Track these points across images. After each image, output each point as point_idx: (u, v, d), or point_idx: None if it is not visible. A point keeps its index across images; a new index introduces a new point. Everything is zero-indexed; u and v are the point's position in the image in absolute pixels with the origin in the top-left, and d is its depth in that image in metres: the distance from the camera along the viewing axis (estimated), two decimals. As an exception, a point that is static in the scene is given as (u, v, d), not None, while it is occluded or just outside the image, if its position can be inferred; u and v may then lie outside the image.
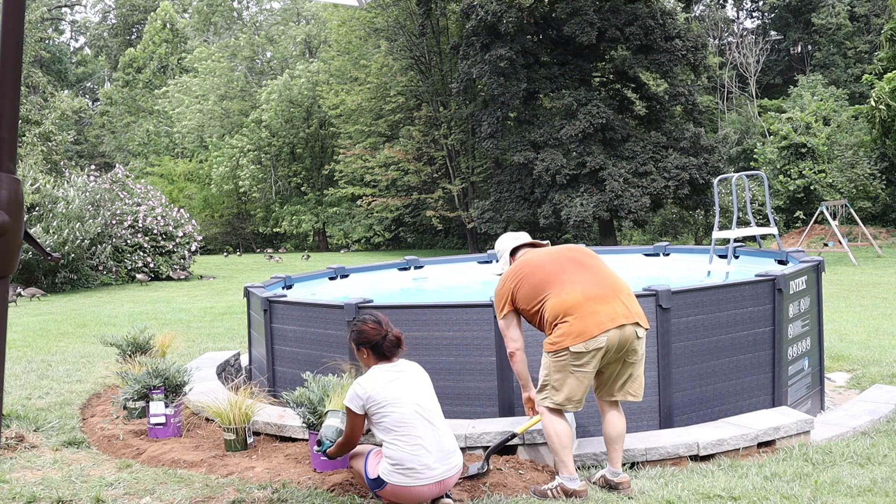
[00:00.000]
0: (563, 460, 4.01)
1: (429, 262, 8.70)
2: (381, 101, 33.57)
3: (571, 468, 4.01)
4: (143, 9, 56.95)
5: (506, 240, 4.59)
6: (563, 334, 3.94)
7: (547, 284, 4.10)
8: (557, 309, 4.00)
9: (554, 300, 4.03)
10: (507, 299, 4.22)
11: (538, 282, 4.13)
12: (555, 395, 4.01)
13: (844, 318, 10.32)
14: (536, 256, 4.29)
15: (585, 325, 3.92)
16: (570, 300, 4.00)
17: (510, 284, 4.23)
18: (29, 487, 4.30)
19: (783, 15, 41.82)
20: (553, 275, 4.12)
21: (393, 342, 3.96)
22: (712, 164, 25.76)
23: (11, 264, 2.02)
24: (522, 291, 4.17)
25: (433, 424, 3.81)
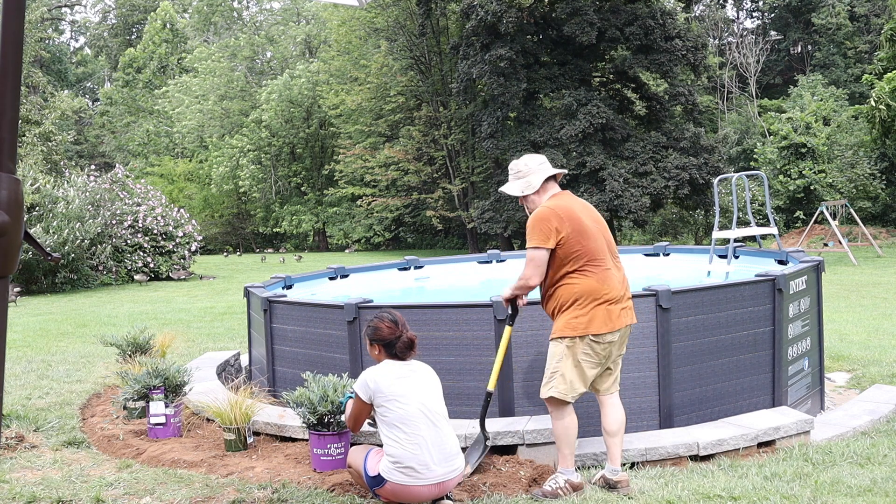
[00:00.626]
0: (568, 453, 4.03)
1: (429, 262, 8.70)
2: (381, 101, 33.57)
3: (573, 461, 4.05)
4: (143, 9, 56.95)
5: (532, 162, 4.24)
6: (591, 317, 3.92)
7: (592, 255, 4.00)
8: (592, 291, 3.95)
9: (591, 281, 3.96)
10: (554, 237, 3.98)
11: (592, 248, 4.00)
12: (563, 385, 3.99)
13: (844, 318, 10.32)
14: (580, 212, 4.09)
15: (611, 316, 3.96)
16: (609, 287, 3.98)
17: (557, 224, 3.99)
18: (29, 487, 4.30)
19: (783, 15, 41.82)
20: (599, 252, 4.03)
21: (406, 344, 3.99)
22: (712, 164, 25.76)
23: (11, 264, 2.02)
24: (569, 243, 3.99)
25: (437, 426, 3.82)
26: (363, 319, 5.17)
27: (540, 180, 4.16)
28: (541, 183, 4.16)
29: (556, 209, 4.04)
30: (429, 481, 3.75)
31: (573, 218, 4.02)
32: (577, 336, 3.94)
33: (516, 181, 4.24)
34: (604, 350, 4.00)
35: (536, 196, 4.19)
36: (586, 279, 3.97)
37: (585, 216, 4.09)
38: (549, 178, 4.21)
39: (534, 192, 4.17)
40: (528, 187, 4.18)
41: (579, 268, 3.97)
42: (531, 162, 4.23)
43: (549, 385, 4.04)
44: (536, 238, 4.00)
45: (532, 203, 4.21)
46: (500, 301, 4.65)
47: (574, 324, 3.94)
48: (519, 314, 4.43)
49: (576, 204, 4.14)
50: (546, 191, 4.19)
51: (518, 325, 4.81)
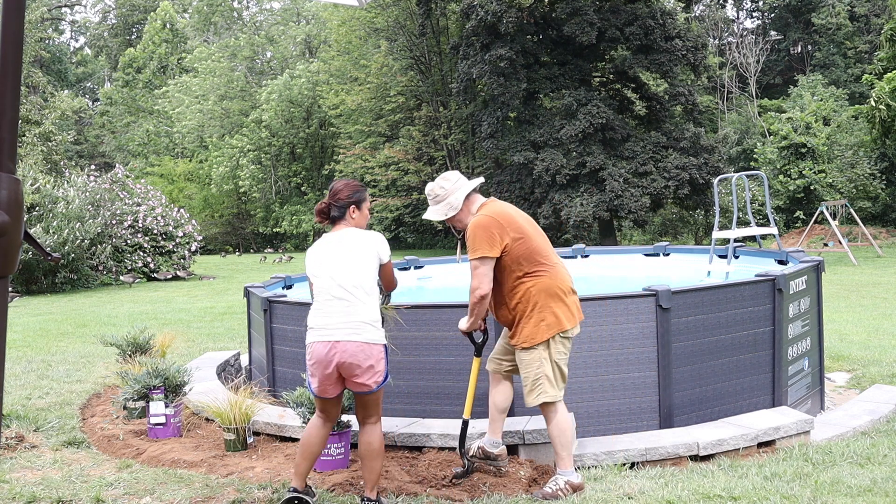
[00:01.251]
0: (566, 454, 4.03)
1: (429, 262, 8.70)
2: (381, 101, 33.57)
3: (572, 462, 4.05)
4: (143, 9, 56.94)
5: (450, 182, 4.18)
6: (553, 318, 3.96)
7: (541, 256, 4.02)
8: (552, 290, 3.99)
9: (548, 280, 3.99)
10: (499, 244, 3.94)
11: (537, 248, 4.02)
12: (550, 387, 4.00)
13: (844, 318, 10.32)
14: (515, 215, 4.09)
15: (574, 312, 4.06)
16: (565, 285, 4.04)
17: (498, 231, 3.95)
18: (29, 487, 4.30)
19: (783, 15, 41.81)
20: (545, 249, 4.06)
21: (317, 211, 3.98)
22: (712, 164, 25.75)
23: (11, 264, 2.02)
24: (515, 248, 3.97)
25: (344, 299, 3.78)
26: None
27: (460, 199, 4.12)
28: (462, 200, 4.12)
29: (496, 216, 4.00)
30: (322, 337, 3.75)
31: (512, 222, 4.02)
32: (549, 338, 3.97)
33: (436, 206, 4.18)
34: (571, 343, 4.08)
35: (462, 214, 4.15)
36: (540, 279, 3.97)
37: (521, 218, 4.13)
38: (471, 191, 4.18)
39: (458, 211, 4.13)
40: (451, 209, 4.13)
41: (529, 270, 3.98)
42: (445, 183, 4.18)
43: (535, 392, 4.02)
44: (480, 247, 3.93)
45: (460, 222, 4.16)
46: None
47: (543, 327, 3.95)
48: (487, 339, 4.39)
49: (509, 208, 4.15)
50: (471, 203, 4.15)
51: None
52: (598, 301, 4.81)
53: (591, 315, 4.77)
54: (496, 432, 4.13)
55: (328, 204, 3.93)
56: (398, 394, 5.07)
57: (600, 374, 4.76)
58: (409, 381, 5.05)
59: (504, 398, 4.21)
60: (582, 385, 4.78)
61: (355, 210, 3.96)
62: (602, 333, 4.78)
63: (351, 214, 3.94)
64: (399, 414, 5.07)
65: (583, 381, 4.78)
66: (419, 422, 4.92)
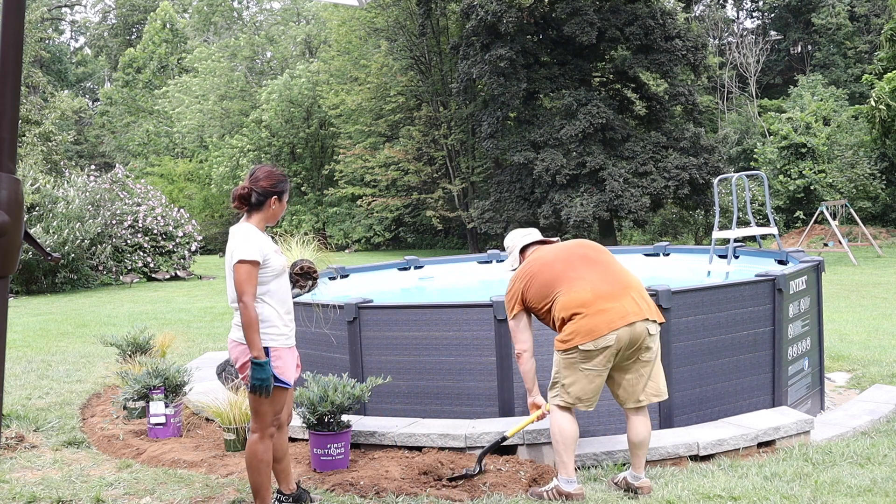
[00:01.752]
0: (563, 461, 3.98)
1: (429, 262, 8.70)
2: (381, 101, 33.55)
3: (570, 470, 3.97)
4: (143, 9, 56.92)
5: (515, 237, 4.53)
6: (572, 332, 3.91)
7: (557, 282, 4.05)
8: (567, 307, 3.96)
9: (564, 298, 3.99)
10: (518, 299, 4.18)
11: (548, 280, 4.08)
12: (564, 394, 3.98)
13: (844, 318, 10.31)
14: (546, 254, 4.23)
15: (595, 323, 3.87)
16: (579, 298, 3.95)
17: (520, 284, 4.18)
18: (29, 487, 4.30)
19: (783, 15, 41.80)
20: (562, 272, 4.07)
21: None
22: (712, 164, 25.74)
23: (11, 264, 2.02)
24: (532, 290, 4.12)
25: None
26: (363, 319, 5.18)
27: (517, 256, 4.41)
28: (518, 255, 4.41)
29: (520, 272, 4.26)
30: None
31: (538, 261, 4.20)
32: (578, 346, 3.92)
33: (508, 259, 4.53)
34: (605, 357, 3.90)
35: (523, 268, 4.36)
36: (560, 300, 4.01)
37: (556, 254, 4.21)
38: (535, 242, 4.42)
39: (520, 264, 4.37)
40: (514, 261, 4.45)
41: (553, 296, 4.06)
42: (508, 241, 4.53)
43: (551, 392, 4.08)
44: (509, 308, 4.25)
45: None
46: (502, 302, 4.65)
47: (567, 338, 3.96)
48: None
49: (546, 250, 4.29)
50: (524, 258, 4.38)
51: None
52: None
53: (591, 315, 4.77)
54: (637, 467, 4.06)
55: (249, 189, 3.73)
56: (398, 394, 5.07)
57: (600, 374, 4.76)
58: (408, 381, 5.05)
59: (633, 433, 4.07)
60: (582, 385, 4.78)
61: (276, 201, 3.79)
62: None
63: (271, 205, 3.78)
64: (399, 414, 5.07)
65: (583, 381, 4.78)
66: (419, 422, 4.92)
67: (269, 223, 3.86)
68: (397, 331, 5.08)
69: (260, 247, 3.68)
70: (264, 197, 3.74)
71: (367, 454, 4.73)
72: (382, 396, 5.05)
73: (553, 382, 4.06)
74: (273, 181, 3.76)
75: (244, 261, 3.61)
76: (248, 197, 3.73)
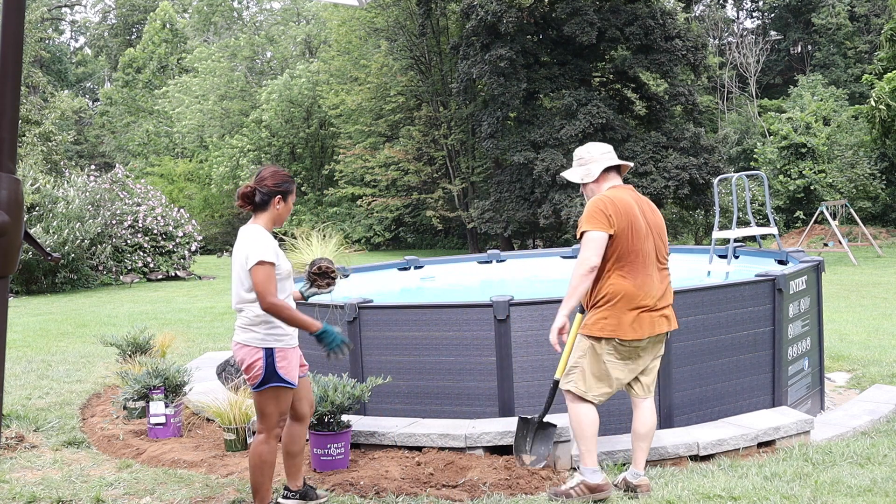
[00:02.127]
0: (586, 450, 3.90)
1: (429, 262, 8.70)
2: (381, 101, 33.56)
3: (594, 459, 3.90)
4: (143, 9, 56.93)
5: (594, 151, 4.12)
6: (616, 322, 3.81)
7: (637, 257, 3.86)
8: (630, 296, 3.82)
9: (630, 284, 3.83)
10: (608, 223, 3.84)
11: (633, 249, 3.86)
12: (580, 382, 3.90)
13: (844, 318, 10.31)
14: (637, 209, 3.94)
15: (642, 324, 3.84)
16: (643, 296, 3.84)
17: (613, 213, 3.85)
18: (29, 487, 4.30)
19: (783, 15, 41.81)
20: (646, 255, 3.88)
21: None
22: (712, 164, 25.75)
23: (11, 264, 2.02)
24: (619, 239, 3.85)
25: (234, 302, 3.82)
26: (363, 319, 5.18)
27: (599, 169, 4.04)
28: (600, 172, 4.05)
29: (615, 200, 3.91)
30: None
31: (630, 214, 3.89)
32: (602, 337, 3.85)
33: (578, 168, 4.15)
34: (630, 353, 3.89)
35: (595, 185, 4.08)
36: (624, 282, 3.84)
37: (642, 215, 3.95)
38: (611, 168, 4.09)
39: (593, 180, 4.06)
40: (588, 175, 4.08)
41: (621, 267, 3.84)
42: (594, 150, 4.13)
43: (568, 378, 3.97)
44: (593, 222, 3.86)
45: (590, 192, 4.09)
46: (502, 302, 4.64)
47: (602, 324, 3.84)
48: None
49: (635, 201, 3.99)
50: (606, 181, 4.07)
51: (518, 324, 4.82)
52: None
53: (591, 315, 4.78)
54: (637, 463, 3.99)
55: (253, 188, 3.72)
56: (398, 394, 5.07)
57: (600, 374, 4.76)
58: (408, 381, 5.05)
59: (637, 423, 4.02)
60: (582, 385, 4.79)
61: (280, 201, 3.77)
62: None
63: (275, 205, 3.77)
64: (399, 414, 5.07)
65: (583, 381, 4.79)
66: (419, 422, 4.92)
67: (276, 225, 3.84)
68: (397, 331, 5.08)
69: (273, 248, 3.68)
70: (268, 196, 3.72)
71: (367, 454, 4.74)
72: (382, 396, 5.05)
73: (573, 366, 3.94)
74: (277, 180, 3.74)
75: (263, 262, 3.59)
76: (252, 196, 3.72)
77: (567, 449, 4.46)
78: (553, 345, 3.96)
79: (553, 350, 4.78)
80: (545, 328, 4.78)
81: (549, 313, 4.79)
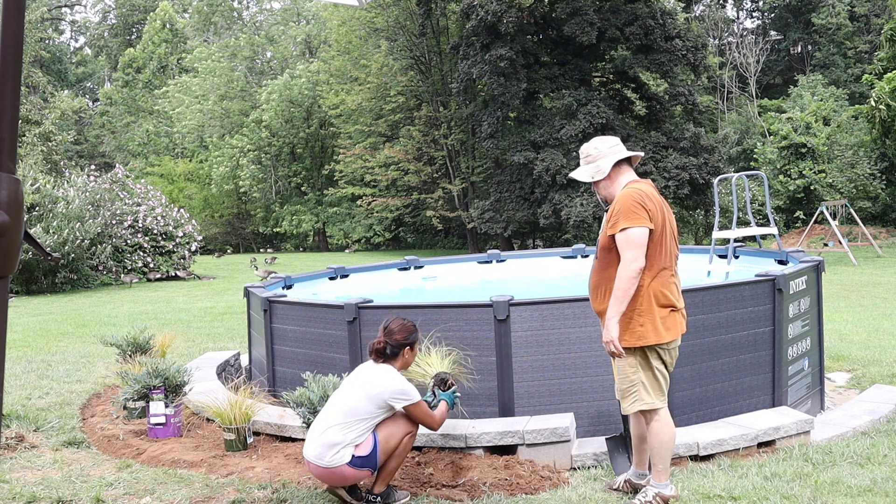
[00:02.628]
0: (665, 467, 3.80)
1: (429, 261, 8.70)
2: (381, 101, 33.57)
3: (667, 475, 3.83)
4: (143, 9, 56.95)
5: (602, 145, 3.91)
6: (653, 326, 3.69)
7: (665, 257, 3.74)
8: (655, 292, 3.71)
9: (659, 285, 3.71)
10: (648, 217, 3.67)
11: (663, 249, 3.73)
12: (646, 396, 3.76)
13: (844, 318, 10.31)
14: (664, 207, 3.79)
15: (674, 324, 3.76)
16: (667, 293, 3.74)
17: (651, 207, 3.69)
18: (29, 487, 4.30)
19: (783, 15, 41.82)
20: (671, 256, 3.78)
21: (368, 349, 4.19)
22: (712, 164, 25.75)
23: (11, 264, 2.02)
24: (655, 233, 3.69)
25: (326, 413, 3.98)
26: (363, 319, 5.18)
27: (610, 164, 3.83)
28: (611, 167, 3.84)
29: (648, 193, 3.73)
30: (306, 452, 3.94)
31: (662, 208, 3.75)
32: (647, 346, 3.73)
33: (586, 166, 3.91)
34: (670, 356, 3.81)
35: (608, 182, 3.87)
36: (654, 283, 3.71)
37: (665, 213, 3.79)
38: (622, 161, 3.87)
39: (604, 177, 3.85)
40: (598, 172, 3.86)
41: (650, 267, 3.68)
42: (601, 145, 3.90)
43: (630, 398, 3.79)
44: (632, 217, 3.64)
45: (604, 189, 3.89)
46: (502, 302, 4.64)
47: (640, 332, 3.71)
48: None
49: (657, 197, 3.81)
50: (620, 174, 3.86)
51: (518, 324, 4.82)
52: (598, 301, 4.81)
53: (591, 315, 4.77)
54: (640, 464, 3.93)
55: (384, 343, 4.08)
56: (398, 394, 5.07)
57: (600, 373, 4.77)
58: (409, 381, 5.05)
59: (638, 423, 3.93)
60: (582, 385, 4.79)
61: (409, 351, 4.15)
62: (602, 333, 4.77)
63: (405, 354, 4.14)
64: (399, 414, 5.07)
65: (583, 381, 4.79)
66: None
67: (402, 369, 4.16)
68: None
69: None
70: (398, 349, 4.10)
71: (367, 454, 4.73)
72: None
73: (630, 388, 3.76)
74: (406, 333, 4.12)
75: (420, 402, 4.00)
76: (384, 350, 4.08)
77: (567, 449, 4.46)
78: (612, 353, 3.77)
79: (553, 350, 4.79)
80: (545, 328, 4.78)
81: (549, 313, 4.80)
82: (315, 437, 3.91)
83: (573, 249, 8.52)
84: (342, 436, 3.85)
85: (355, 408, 3.88)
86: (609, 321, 3.69)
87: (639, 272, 3.63)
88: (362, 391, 3.93)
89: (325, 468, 3.85)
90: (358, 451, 3.85)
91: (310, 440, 3.93)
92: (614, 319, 3.67)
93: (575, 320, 4.78)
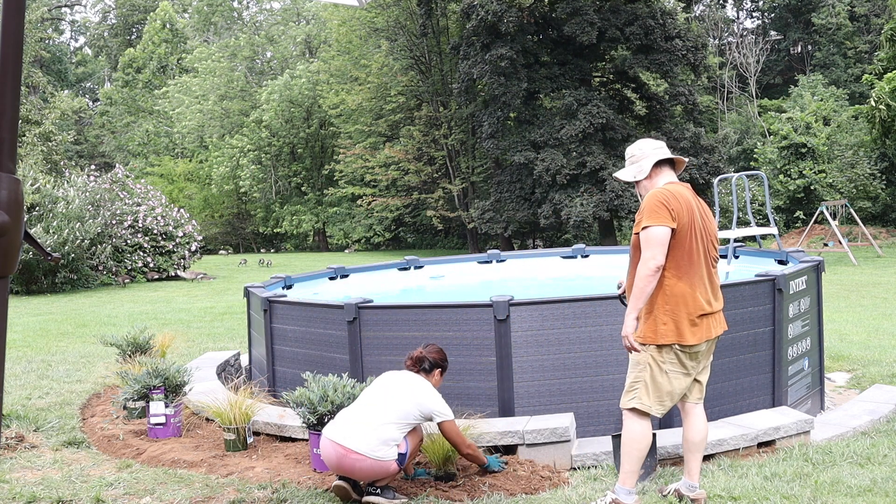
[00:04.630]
0: (630, 470, 3.76)
1: (429, 262, 8.70)
2: (381, 101, 33.58)
3: (633, 481, 3.77)
4: (143, 9, 56.96)
5: (646, 147, 3.98)
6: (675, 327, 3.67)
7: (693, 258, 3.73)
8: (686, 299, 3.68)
9: (686, 286, 3.69)
10: (670, 216, 3.68)
11: (691, 248, 3.72)
12: (645, 397, 3.73)
13: (844, 318, 10.31)
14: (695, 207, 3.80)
15: (700, 327, 3.72)
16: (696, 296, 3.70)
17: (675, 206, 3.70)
18: (29, 487, 4.30)
19: (783, 15, 41.82)
20: (701, 256, 3.77)
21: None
22: (712, 164, 25.76)
23: (11, 264, 2.02)
24: (678, 236, 3.70)
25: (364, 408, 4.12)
26: (363, 319, 5.17)
27: (650, 164, 3.89)
28: (651, 167, 3.90)
29: (675, 193, 3.77)
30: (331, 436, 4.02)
31: (690, 209, 3.75)
32: (663, 345, 3.70)
33: (630, 166, 3.99)
34: (691, 360, 3.76)
35: (649, 182, 3.92)
36: (680, 283, 3.70)
37: (699, 214, 3.81)
38: (664, 163, 3.93)
39: (645, 177, 3.91)
40: (640, 172, 3.93)
41: (676, 267, 3.69)
42: (645, 146, 3.98)
43: (631, 394, 3.77)
44: (655, 216, 3.68)
45: (643, 189, 3.94)
46: (502, 302, 4.63)
47: (663, 330, 3.69)
48: None
49: (693, 198, 3.84)
50: (659, 175, 3.92)
51: (518, 324, 4.82)
52: (597, 301, 4.81)
53: (591, 315, 4.77)
54: (691, 474, 3.82)
55: (423, 355, 4.40)
56: (398, 394, 5.07)
57: (600, 373, 4.77)
58: (409, 381, 5.05)
59: (691, 431, 3.85)
60: (582, 385, 4.79)
61: (439, 374, 4.43)
62: (602, 333, 4.78)
63: (435, 374, 4.41)
64: (399, 414, 5.07)
65: (583, 381, 4.79)
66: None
67: None
68: (397, 331, 5.07)
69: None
70: (433, 366, 4.41)
71: (367, 454, 4.73)
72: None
73: (634, 382, 3.76)
74: (441, 356, 4.46)
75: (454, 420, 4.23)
76: (423, 361, 4.39)
77: (567, 449, 4.46)
78: (627, 348, 3.79)
79: (553, 350, 4.78)
80: (545, 328, 4.78)
81: (549, 313, 4.80)
82: (366, 429, 3.98)
83: (573, 249, 8.51)
84: (398, 434, 4.06)
85: (408, 412, 4.10)
86: (627, 316, 3.75)
87: (656, 270, 3.65)
88: (412, 399, 4.13)
89: (375, 460, 3.94)
90: (399, 449, 4.07)
91: (355, 431, 3.98)
92: (632, 315, 3.73)
93: (575, 320, 4.78)
